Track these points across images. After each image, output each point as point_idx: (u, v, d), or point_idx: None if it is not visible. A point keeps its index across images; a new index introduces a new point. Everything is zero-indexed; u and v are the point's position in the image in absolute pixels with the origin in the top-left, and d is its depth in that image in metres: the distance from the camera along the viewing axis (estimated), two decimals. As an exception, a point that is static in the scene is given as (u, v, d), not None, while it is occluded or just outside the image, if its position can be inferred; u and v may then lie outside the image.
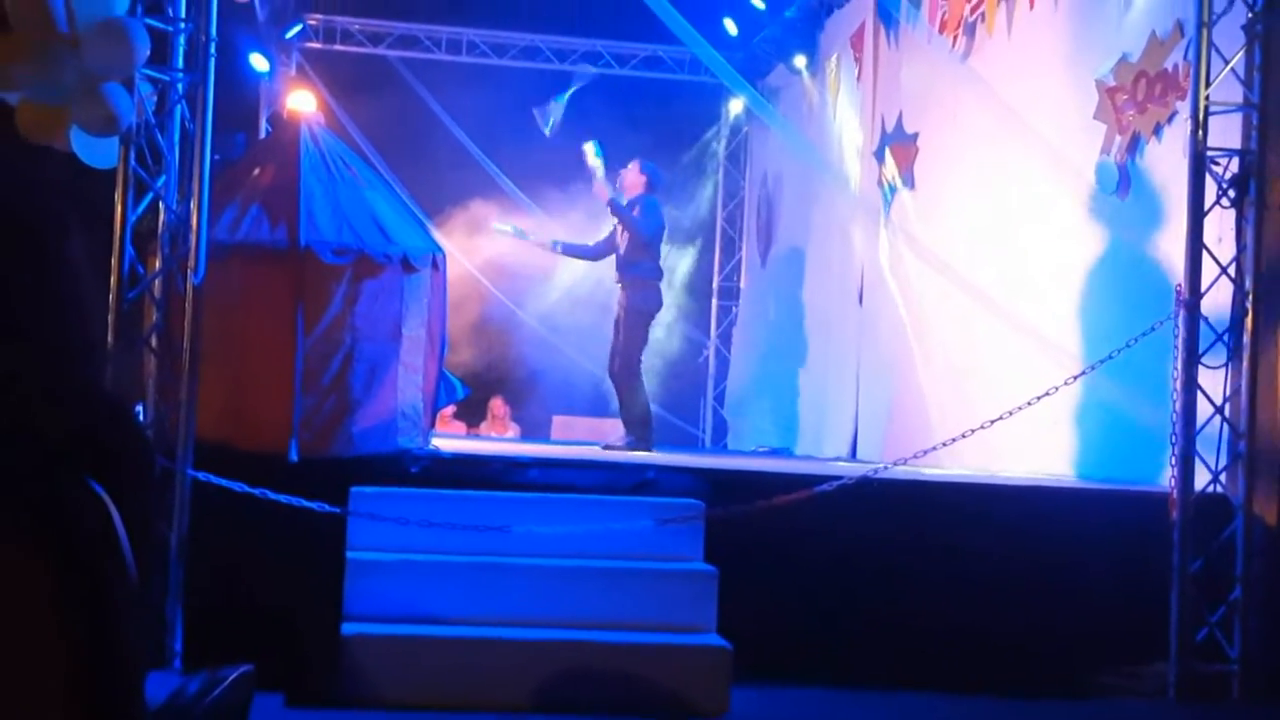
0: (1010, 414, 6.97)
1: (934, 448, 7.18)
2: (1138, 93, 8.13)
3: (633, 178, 9.92)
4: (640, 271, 9.74)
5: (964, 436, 7.10)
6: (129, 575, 1.64)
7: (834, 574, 6.86)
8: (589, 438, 10.25)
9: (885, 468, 7.22)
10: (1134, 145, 8.18)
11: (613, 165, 10.03)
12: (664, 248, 10.50)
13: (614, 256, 9.88)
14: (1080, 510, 7.14)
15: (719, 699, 6.18)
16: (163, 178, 6.56)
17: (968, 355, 9.94)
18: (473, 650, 6.20)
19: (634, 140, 12.65)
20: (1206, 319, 6.63)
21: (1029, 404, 6.97)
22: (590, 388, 13.51)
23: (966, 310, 9.79)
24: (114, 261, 6.38)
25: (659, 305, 10.03)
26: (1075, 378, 7.11)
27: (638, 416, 9.59)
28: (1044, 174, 8.96)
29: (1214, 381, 6.65)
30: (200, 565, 6.30)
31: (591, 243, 10.23)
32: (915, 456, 7.20)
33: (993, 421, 6.98)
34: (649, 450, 9.38)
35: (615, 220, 9.86)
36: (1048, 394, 7.02)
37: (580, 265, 12.26)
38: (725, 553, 6.73)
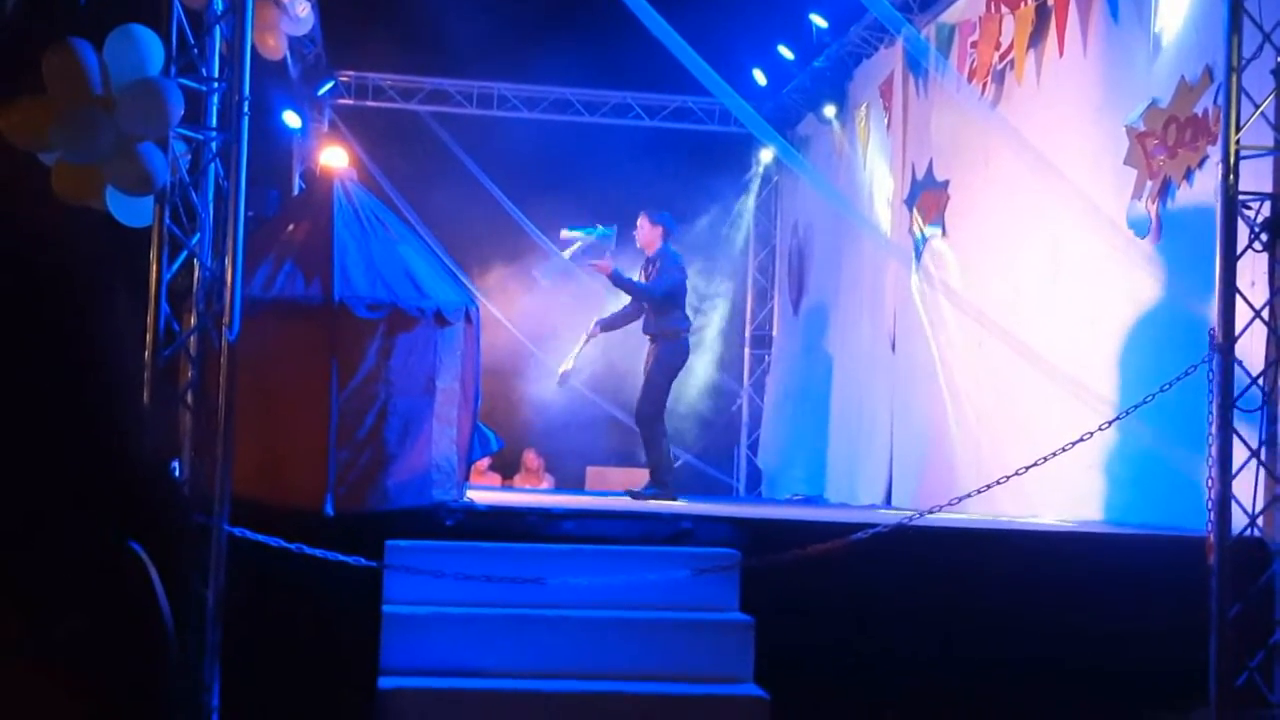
0: (1045, 460, 6.93)
1: (968, 495, 7.15)
2: (1168, 138, 8.13)
3: (648, 232, 9.91)
4: (669, 324, 9.75)
5: (999, 483, 7.07)
6: (168, 635, 1.65)
7: (871, 622, 6.83)
8: (623, 489, 10.25)
9: (920, 515, 7.19)
10: (1165, 190, 8.17)
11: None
12: (690, 295, 10.54)
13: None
14: (1117, 556, 7.09)
15: (756, 751, 6.15)
16: (197, 235, 6.62)
17: (1001, 401, 9.91)
18: (509, 703, 6.19)
19: (665, 191, 12.71)
20: (1241, 363, 6.59)
21: (1064, 449, 6.94)
22: (623, 438, 13.51)
23: (1000, 356, 9.77)
24: (149, 319, 6.42)
25: (686, 356, 10.07)
26: (1110, 423, 7.08)
27: (661, 464, 9.62)
28: (1075, 220, 8.95)
29: (1249, 425, 6.60)
30: (237, 621, 6.31)
31: (620, 307, 10.21)
32: (950, 504, 7.17)
33: (1028, 468, 6.95)
34: (673, 499, 9.39)
35: (641, 271, 9.88)
36: (1082, 439, 6.98)
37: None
38: (762, 602, 6.71)
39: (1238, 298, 6.61)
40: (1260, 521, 6.60)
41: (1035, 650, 6.78)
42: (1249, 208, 6.66)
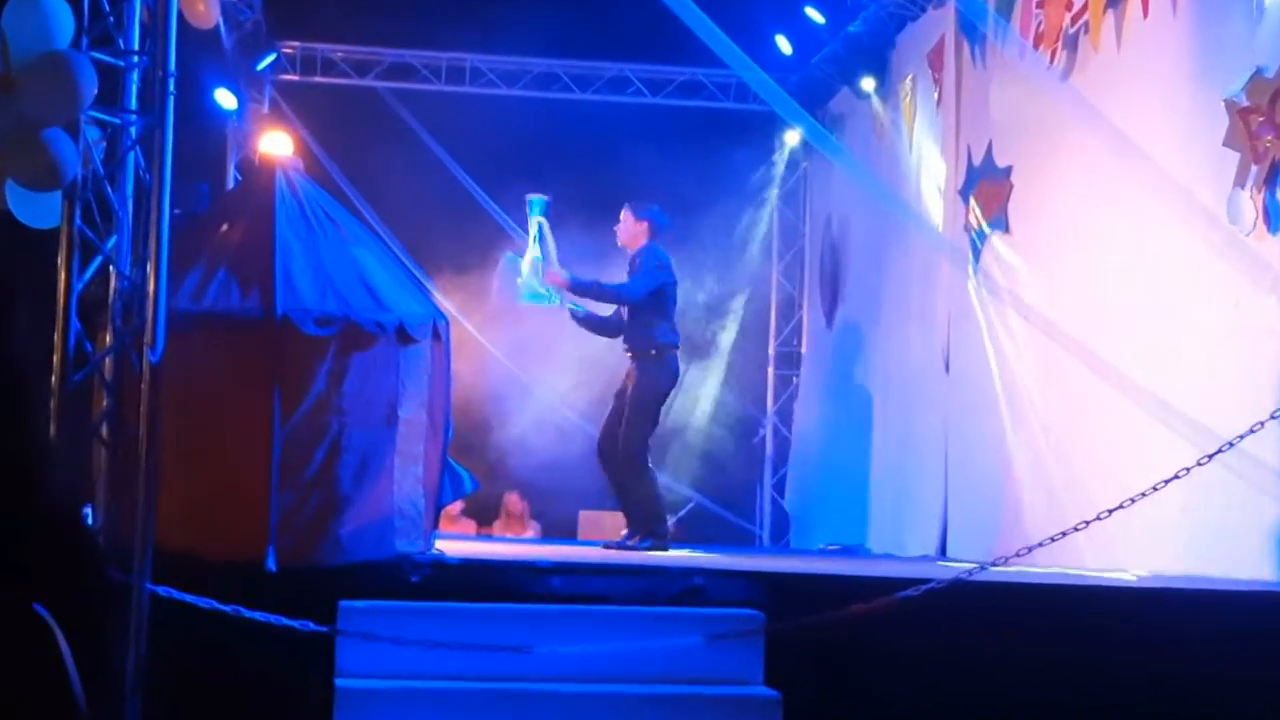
0: (1131, 502, 6.92)
1: (1040, 544, 7.13)
2: (1276, 114, 8.13)
3: (631, 228, 9.94)
4: (652, 338, 9.71)
5: (1076, 530, 7.05)
6: (79, 712, 1.64)
7: (921, 698, 6.81)
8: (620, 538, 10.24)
9: (982, 568, 7.17)
10: (1273, 176, 8.17)
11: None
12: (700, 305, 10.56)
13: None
14: (1222, 616, 7.06)
15: None
16: (113, 238, 6.63)
17: (1079, 432, 9.90)
18: (488, 797, 6.18)
19: (671, 181, 12.73)
20: (1366, 383, 6.59)
21: (1153, 489, 6.92)
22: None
23: (1076, 378, 9.76)
24: (57, 337, 6.43)
25: (675, 378, 9.99)
26: (1210, 457, 7.06)
27: (649, 510, 9.59)
28: (1165, 213, 8.95)
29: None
30: (162, 696, 6.30)
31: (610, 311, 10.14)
32: (1018, 554, 7.15)
33: (1110, 511, 6.94)
34: (665, 549, 9.40)
35: (628, 273, 9.89)
36: (1177, 477, 6.97)
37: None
38: (790, 674, 6.69)
39: (1361, 305, 6.61)
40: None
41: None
42: (1373, 197, 6.66)
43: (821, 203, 15.55)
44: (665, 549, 9.43)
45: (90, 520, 6.38)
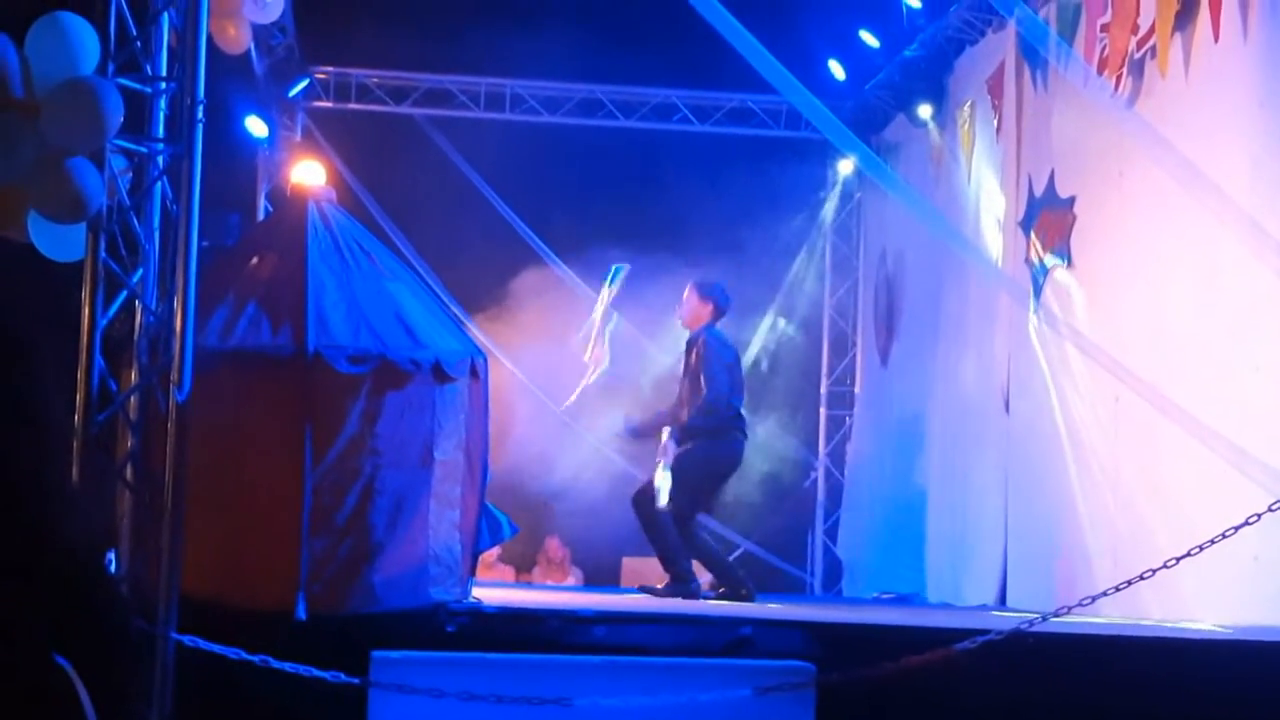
0: (1201, 548, 6.87)
1: (1104, 593, 7.09)
2: (1351, 142, 8.11)
3: (695, 308, 10.07)
4: (713, 425, 9.82)
5: (1143, 578, 7.01)
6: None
7: (982, 756, 6.78)
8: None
9: (1043, 619, 7.13)
10: (1349, 207, 8.14)
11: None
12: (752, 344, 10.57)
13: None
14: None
15: None
16: (139, 271, 6.66)
17: (1146, 475, 9.84)
18: None
19: (719, 213, 12.75)
20: None
21: (1224, 536, 6.87)
22: (669, 522, 13.49)
23: (1143, 418, 9.71)
24: (80, 375, 6.46)
25: (738, 457, 10.17)
26: (1283, 502, 7.02)
27: (680, 562, 9.71)
28: (1235, 246, 8.90)
29: None
30: (187, 751, 6.32)
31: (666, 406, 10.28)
32: (1081, 604, 7.11)
33: (1178, 559, 6.89)
34: (697, 598, 9.51)
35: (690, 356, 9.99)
36: (1248, 523, 6.92)
37: (658, 366, 12.37)
38: (843, 729, 6.68)
39: None
40: None
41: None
42: None
43: (876, 235, 15.52)
44: (697, 598, 9.52)
45: (113, 567, 6.41)
